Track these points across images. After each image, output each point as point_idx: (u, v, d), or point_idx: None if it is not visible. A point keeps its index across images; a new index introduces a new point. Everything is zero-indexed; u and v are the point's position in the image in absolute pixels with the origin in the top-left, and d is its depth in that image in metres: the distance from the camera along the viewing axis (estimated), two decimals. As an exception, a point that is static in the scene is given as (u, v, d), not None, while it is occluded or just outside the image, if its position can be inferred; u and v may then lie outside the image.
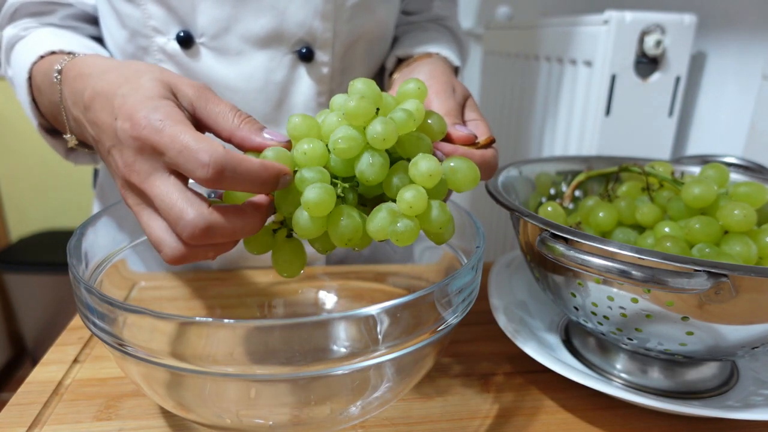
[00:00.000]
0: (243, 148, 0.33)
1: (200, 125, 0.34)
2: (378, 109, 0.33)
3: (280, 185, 0.31)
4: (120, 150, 0.32)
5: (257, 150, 0.33)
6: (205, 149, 0.28)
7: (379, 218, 0.32)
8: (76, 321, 0.51)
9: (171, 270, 0.57)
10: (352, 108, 0.32)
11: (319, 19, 0.52)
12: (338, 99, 0.35)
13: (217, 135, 0.34)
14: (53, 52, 0.47)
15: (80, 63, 0.39)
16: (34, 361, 1.79)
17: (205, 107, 0.33)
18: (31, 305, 1.74)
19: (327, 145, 0.33)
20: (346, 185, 0.33)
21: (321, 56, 0.54)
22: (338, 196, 0.32)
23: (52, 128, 0.51)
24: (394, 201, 0.32)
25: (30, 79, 0.48)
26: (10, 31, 0.53)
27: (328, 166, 0.33)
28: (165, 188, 0.30)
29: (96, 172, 0.68)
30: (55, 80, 0.41)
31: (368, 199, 0.35)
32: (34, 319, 1.76)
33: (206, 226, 0.29)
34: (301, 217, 0.32)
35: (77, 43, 0.51)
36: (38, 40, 0.50)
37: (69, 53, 0.46)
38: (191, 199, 0.29)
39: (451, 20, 0.69)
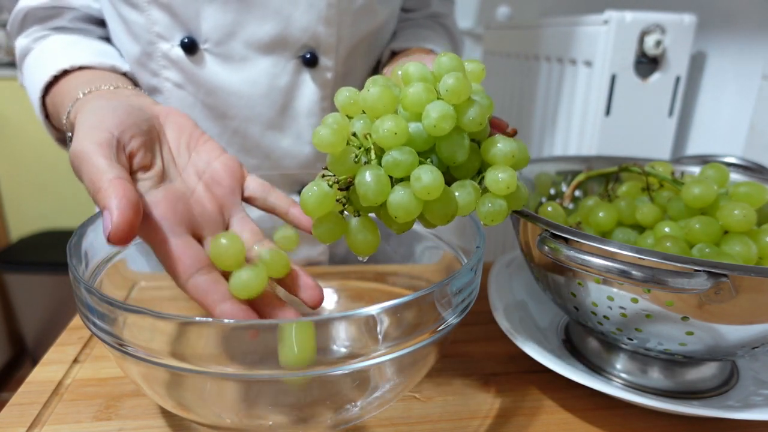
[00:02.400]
0: None
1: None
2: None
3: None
4: None
5: None
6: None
7: (466, 194, 0.32)
8: (76, 321, 0.51)
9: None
10: (456, 86, 0.31)
11: (323, 25, 0.52)
12: (416, 68, 0.34)
13: None
14: (66, 71, 0.48)
15: (73, 122, 0.40)
16: (34, 361, 1.79)
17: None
18: (31, 305, 1.74)
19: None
20: (426, 162, 0.32)
21: (325, 61, 0.54)
22: None
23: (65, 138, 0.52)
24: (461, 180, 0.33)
25: (44, 97, 0.49)
26: (21, 41, 0.54)
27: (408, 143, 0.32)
28: None
29: None
30: (69, 138, 0.43)
31: None
32: (34, 319, 1.76)
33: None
34: (403, 201, 0.31)
35: (87, 50, 0.51)
36: (48, 53, 0.51)
37: (81, 68, 0.48)
38: None
39: (447, 18, 0.69)
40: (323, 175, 0.33)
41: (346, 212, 0.34)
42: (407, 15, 0.67)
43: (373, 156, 0.32)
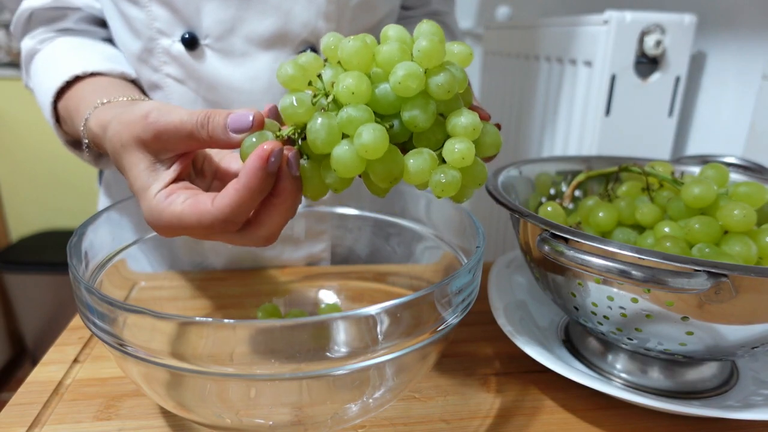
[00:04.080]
0: (223, 148, 0.33)
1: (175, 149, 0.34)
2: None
3: (271, 170, 0.31)
4: None
5: (234, 147, 0.32)
6: (191, 226, 0.32)
7: (421, 161, 0.31)
8: (76, 321, 0.51)
9: (171, 270, 0.57)
10: (428, 48, 0.30)
11: (323, 20, 0.52)
12: (394, 30, 0.33)
13: (193, 150, 0.35)
14: (77, 77, 0.48)
15: (92, 129, 0.43)
16: (34, 361, 1.79)
17: (163, 139, 0.33)
18: (31, 305, 1.74)
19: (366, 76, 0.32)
20: (386, 125, 0.32)
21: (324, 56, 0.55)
22: None
23: (75, 141, 0.53)
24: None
25: (56, 102, 0.49)
26: (27, 42, 0.55)
27: (369, 102, 0.32)
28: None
29: (101, 171, 0.68)
30: (85, 144, 0.45)
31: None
32: (34, 319, 1.76)
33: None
34: (344, 156, 0.31)
35: (97, 55, 0.52)
36: (59, 57, 0.51)
37: (92, 74, 0.49)
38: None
39: (448, 16, 0.69)
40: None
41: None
42: (407, 13, 0.67)
43: (330, 102, 0.32)
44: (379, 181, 0.32)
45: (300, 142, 0.33)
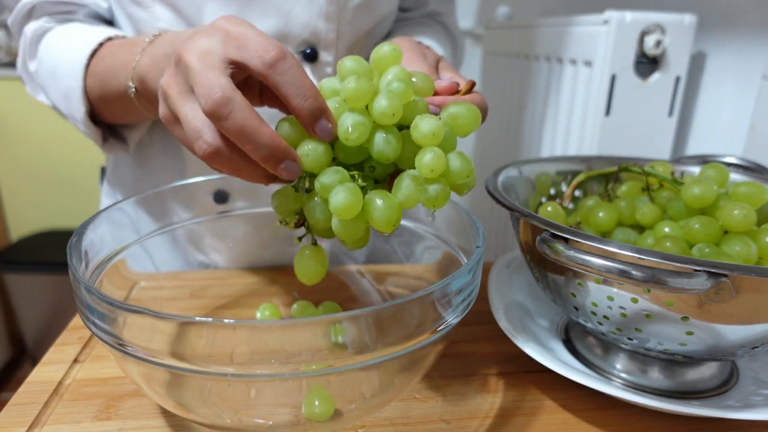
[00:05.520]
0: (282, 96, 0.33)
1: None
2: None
3: (283, 170, 0.30)
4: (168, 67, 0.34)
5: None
6: (217, 85, 0.30)
7: (405, 187, 0.32)
8: (76, 321, 0.51)
9: (171, 270, 0.57)
10: (353, 90, 0.31)
11: (323, 20, 0.53)
12: (328, 83, 0.34)
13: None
14: (109, 38, 0.48)
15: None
16: (34, 361, 1.79)
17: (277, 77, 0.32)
18: (31, 305, 1.74)
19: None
20: (361, 173, 0.33)
21: (325, 56, 0.55)
22: (361, 188, 0.32)
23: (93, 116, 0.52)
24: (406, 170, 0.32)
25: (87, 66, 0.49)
26: (33, 25, 0.54)
27: (337, 160, 0.32)
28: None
29: (103, 171, 0.69)
30: (147, 41, 0.43)
31: (381, 180, 0.35)
32: (34, 319, 1.76)
33: (223, 96, 0.30)
34: (341, 225, 0.32)
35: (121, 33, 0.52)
36: (82, 29, 0.51)
37: (123, 37, 0.49)
38: (217, 77, 0.31)
39: (446, 16, 0.69)
40: (279, 221, 0.35)
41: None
42: (405, 14, 0.67)
43: (312, 180, 0.33)
44: (384, 229, 0.32)
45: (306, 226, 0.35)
